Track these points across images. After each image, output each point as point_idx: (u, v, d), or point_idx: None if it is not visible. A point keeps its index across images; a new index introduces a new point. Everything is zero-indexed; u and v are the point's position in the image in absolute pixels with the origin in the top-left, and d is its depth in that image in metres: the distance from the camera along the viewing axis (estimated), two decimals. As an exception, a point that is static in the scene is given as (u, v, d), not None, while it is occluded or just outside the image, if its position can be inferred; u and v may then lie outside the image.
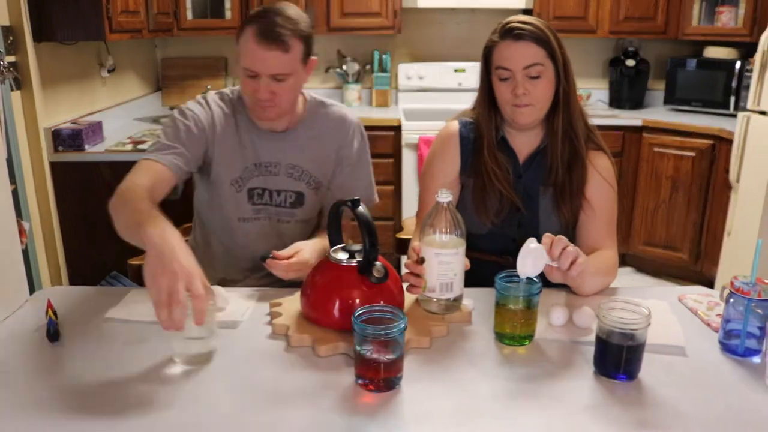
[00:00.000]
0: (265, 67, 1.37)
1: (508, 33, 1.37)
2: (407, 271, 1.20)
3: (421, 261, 1.17)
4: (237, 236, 1.55)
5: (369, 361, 0.96)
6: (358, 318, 0.98)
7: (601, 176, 1.44)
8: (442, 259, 1.15)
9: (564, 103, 1.41)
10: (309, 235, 1.59)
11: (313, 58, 1.46)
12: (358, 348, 0.97)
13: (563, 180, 1.43)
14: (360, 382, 0.98)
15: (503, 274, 1.14)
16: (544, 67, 1.36)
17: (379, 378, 0.97)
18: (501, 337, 1.13)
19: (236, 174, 1.51)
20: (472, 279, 1.25)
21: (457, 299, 1.20)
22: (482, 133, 1.46)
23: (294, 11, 1.41)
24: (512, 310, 1.10)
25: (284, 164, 1.53)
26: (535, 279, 1.12)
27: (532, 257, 1.11)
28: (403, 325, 0.97)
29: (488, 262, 1.42)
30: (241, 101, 1.52)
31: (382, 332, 0.95)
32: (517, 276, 1.12)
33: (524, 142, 1.47)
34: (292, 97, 1.45)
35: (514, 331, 1.11)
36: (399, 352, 0.97)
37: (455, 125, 1.52)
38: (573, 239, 1.45)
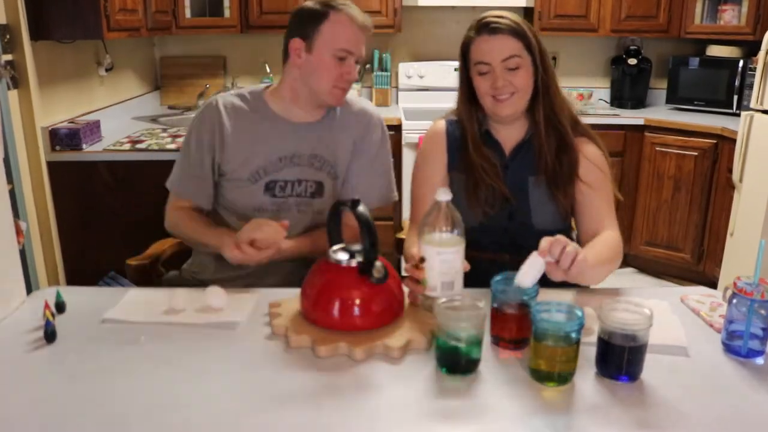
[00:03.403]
0: (359, 48, 1.49)
1: (484, 27, 1.40)
2: (407, 275, 1.19)
3: (421, 260, 1.16)
4: None
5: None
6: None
7: (589, 161, 1.46)
8: (444, 257, 1.14)
9: (544, 93, 1.44)
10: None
11: None
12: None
13: (554, 167, 1.44)
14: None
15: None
16: (521, 58, 1.40)
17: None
18: (538, 376, 1.00)
19: (252, 168, 1.53)
20: (469, 278, 1.24)
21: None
22: (465, 129, 1.48)
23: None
24: (551, 347, 0.98)
25: (307, 155, 1.55)
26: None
27: (536, 270, 1.09)
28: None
29: (484, 260, 1.42)
30: (262, 100, 1.56)
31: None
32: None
33: (509, 135, 1.50)
34: None
35: (551, 369, 0.99)
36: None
37: (442, 124, 1.56)
38: (569, 228, 1.47)
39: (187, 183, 1.56)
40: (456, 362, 1.01)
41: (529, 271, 1.09)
